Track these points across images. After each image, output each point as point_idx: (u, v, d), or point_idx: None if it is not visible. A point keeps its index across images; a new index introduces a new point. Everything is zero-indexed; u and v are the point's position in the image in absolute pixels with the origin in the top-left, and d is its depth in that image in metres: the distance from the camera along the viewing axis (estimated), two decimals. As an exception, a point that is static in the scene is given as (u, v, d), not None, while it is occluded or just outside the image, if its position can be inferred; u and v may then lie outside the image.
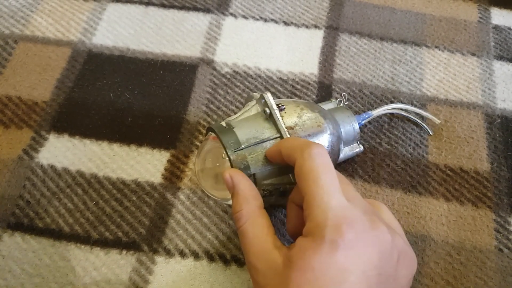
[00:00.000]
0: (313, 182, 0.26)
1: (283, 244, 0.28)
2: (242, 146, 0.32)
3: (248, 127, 0.33)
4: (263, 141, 0.32)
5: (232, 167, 0.32)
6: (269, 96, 0.33)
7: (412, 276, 0.28)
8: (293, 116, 0.34)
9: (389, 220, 0.30)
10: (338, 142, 0.36)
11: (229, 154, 0.31)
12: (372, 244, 0.25)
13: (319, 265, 0.24)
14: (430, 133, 0.44)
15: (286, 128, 0.33)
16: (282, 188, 0.33)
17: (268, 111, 0.33)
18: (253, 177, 0.32)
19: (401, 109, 0.45)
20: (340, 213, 0.25)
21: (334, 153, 0.36)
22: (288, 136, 0.32)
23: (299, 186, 0.27)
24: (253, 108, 0.35)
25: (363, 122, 0.42)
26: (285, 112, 0.34)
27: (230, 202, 0.34)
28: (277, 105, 0.34)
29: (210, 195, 0.36)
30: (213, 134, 0.34)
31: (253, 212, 0.29)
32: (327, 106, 0.41)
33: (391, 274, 0.26)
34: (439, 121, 0.44)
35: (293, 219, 0.32)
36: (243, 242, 0.29)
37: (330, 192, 0.26)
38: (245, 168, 0.32)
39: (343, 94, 0.46)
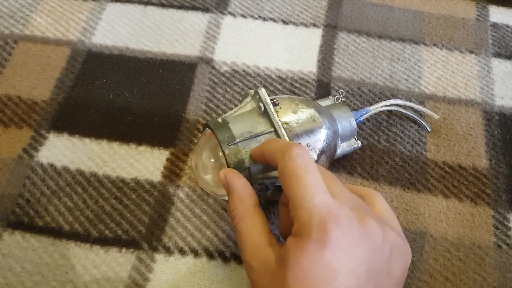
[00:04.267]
0: (296, 183, 0.26)
1: (278, 242, 0.28)
2: (237, 141, 0.32)
3: (243, 122, 0.33)
4: (257, 135, 0.33)
5: (226, 161, 0.32)
6: (263, 91, 0.34)
7: (406, 268, 0.28)
8: (288, 112, 0.34)
9: (383, 211, 0.30)
10: (334, 137, 0.36)
11: (223, 148, 0.32)
12: (360, 240, 0.25)
13: (307, 264, 0.24)
14: (428, 129, 0.44)
15: (280, 123, 0.33)
16: (277, 182, 0.34)
17: (262, 106, 0.33)
18: (247, 171, 0.32)
19: (399, 105, 0.45)
20: (325, 211, 0.25)
21: (330, 148, 0.36)
22: (283, 130, 0.32)
23: (284, 189, 0.27)
24: (248, 104, 0.35)
25: (361, 118, 0.42)
26: (280, 108, 0.34)
27: (227, 197, 0.35)
28: (271, 100, 0.34)
29: (207, 191, 0.36)
30: (209, 130, 0.34)
31: (247, 210, 0.29)
32: (325, 102, 0.41)
33: (383, 269, 0.26)
34: (438, 117, 0.44)
35: (284, 221, 0.32)
36: (239, 240, 0.29)
37: (313, 191, 0.25)
38: (239, 162, 0.32)
39: (340, 91, 0.46)
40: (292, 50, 0.50)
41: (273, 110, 0.33)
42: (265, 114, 0.34)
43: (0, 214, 0.39)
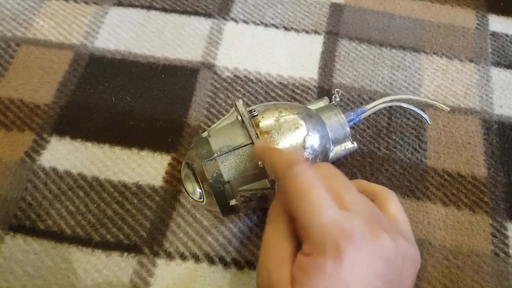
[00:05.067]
0: (301, 202, 0.25)
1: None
2: (215, 155, 0.32)
3: (223, 136, 0.34)
4: (235, 149, 0.33)
5: (206, 176, 0.32)
6: (240, 104, 0.34)
7: (416, 273, 0.28)
8: (270, 120, 0.34)
9: (396, 214, 0.29)
10: (323, 142, 0.36)
11: (202, 164, 0.32)
12: (375, 254, 0.24)
13: (323, 284, 0.23)
14: (429, 122, 0.43)
15: (261, 133, 0.33)
16: (259, 193, 0.34)
17: (240, 118, 0.34)
18: (228, 184, 0.33)
19: (398, 100, 0.43)
20: (336, 228, 0.24)
21: (317, 154, 0.35)
22: (258, 141, 0.32)
23: (287, 207, 0.26)
24: (232, 116, 0.36)
25: (359, 118, 0.41)
26: (262, 117, 0.34)
27: (213, 209, 0.35)
28: (250, 111, 0.34)
29: (192, 199, 0.36)
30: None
31: (285, 222, 0.27)
32: (318, 105, 0.40)
33: (396, 279, 0.25)
34: (449, 109, 0.43)
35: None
36: (268, 242, 0.27)
37: (320, 208, 0.24)
38: (218, 176, 0.32)
39: (336, 90, 0.45)
40: (294, 56, 0.51)
41: (248, 122, 0.33)
42: (244, 125, 0.34)
43: (2, 218, 0.39)
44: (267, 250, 0.27)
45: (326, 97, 0.41)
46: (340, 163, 0.43)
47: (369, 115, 0.42)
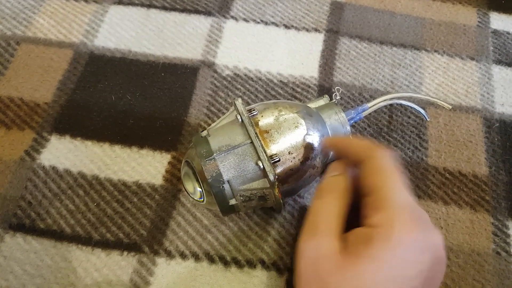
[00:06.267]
0: (387, 178, 0.27)
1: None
2: (214, 155, 0.32)
3: (222, 135, 0.34)
4: (234, 148, 0.33)
5: (204, 175, 0.32)
6: (239, 103, 0.34)
7: (439, 283, 0.29)
8: (269, 119, 0.34)
9: None
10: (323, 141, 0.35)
11: (201, 164, 0.32)
12: (431, 247, 0.26)
13: (384, 256, 0.24)
14: (427, 118, 0.43)
15: (260, 132, 0.33)
16: (259, 193, 0.34)
17: (239, 117, 0.34)
18: (227, 184, 0.32)
19: (399, 98, 0.42)
20: (411, 211, 0.26)
21: (317, 153, 0.35)
22: (259, 142, 0.32)
23: (366, 182, 0.28)
24: (231, 115, 0.35)
25: (359, 116, 0.40)
26: (261, 116, 0.34)
27: (213, 208, 0.35)
28: (249, 110, 0.34)
29: (192, 199, 0.36)
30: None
31: (347, 192, 0.29)
32: (318, 103, 0.40)
33: (433, 277, 0.27)
34: (450, 106, 0.42)
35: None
36: (317, 212, 0.28)
37: (401, 189, 0.26)
38: (217, 176, 0.32)
39: (337, 88, 0.45)
40: (294, 54, 0.50)
41: (247, 121, 0.33)
42: (243, 125, 0.33)
43: (2, 216, 0.39)
44: (316, 221, 0.28)
45: (327, 96, 0.40)
46: (341, 161, 0.43)
47: (369, 114, 0.42)
